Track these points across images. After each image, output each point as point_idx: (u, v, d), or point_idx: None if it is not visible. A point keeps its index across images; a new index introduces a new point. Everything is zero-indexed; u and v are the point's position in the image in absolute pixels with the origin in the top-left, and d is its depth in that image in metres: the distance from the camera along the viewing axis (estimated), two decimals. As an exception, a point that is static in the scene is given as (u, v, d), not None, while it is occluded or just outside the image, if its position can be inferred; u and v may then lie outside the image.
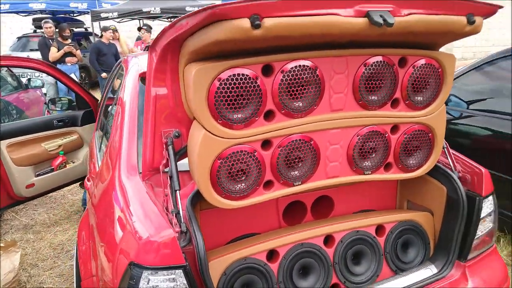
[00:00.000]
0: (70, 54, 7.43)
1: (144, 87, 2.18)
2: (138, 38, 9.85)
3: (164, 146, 1.59)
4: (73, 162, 3.74)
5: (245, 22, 1.17)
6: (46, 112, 5.35)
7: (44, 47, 7.69)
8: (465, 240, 1.82)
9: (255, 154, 1.50)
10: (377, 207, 2.12)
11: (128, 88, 2.20)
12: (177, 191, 1.47)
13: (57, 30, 7.75)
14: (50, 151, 3.46)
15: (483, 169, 1.84)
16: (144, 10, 10.69)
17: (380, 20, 1.28)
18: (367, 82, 1.58)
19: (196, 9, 1.27)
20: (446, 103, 3.92)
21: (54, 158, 3.54)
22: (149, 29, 9.25)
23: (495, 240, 1.98)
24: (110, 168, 1.88)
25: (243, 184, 1.53)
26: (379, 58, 1.56)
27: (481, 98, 3.59)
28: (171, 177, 1.50)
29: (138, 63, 2.42)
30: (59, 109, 3.92)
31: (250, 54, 1.39)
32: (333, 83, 1.54)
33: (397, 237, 1.89)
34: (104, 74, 7.73)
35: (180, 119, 1.61)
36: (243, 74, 1.37)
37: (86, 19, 14.29)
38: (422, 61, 1.64)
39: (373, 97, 1.62)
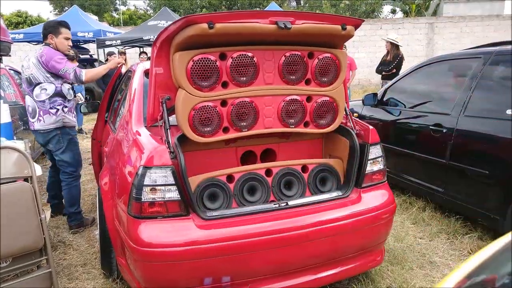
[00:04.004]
0: None
1: (146, 80, 3.16)
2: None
3: (160, 104, 2.53)
4: None
5: (205, 25, 2.15)
6: None
7: None
8: (359, 174, 2.73)
9: (216, 108, 2.44)
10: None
11: (137, 79, 3.18)
12: (168, 130, 2.40)
13: None
14: None
15: (370, 127, 2.78)
16: (145, 38, 11.88)
17: (283, 26, 2.25)
18: (287, 67, 2.54)
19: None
20: (388, 104, 4.90)
21: None
22: (146, 55, 10.73)
23: (386, 179, 2.88)
24: (126, 122, 2.83)
25: (209, 127, 2.46)
26: (294, 52, 2.53)
27: (417, 101, 4.55)
28: (164, 122, 2.44)
29: (143, 66, 3.41)
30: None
31: (212, 46, 2.36)
32: (265, 66, 2.50)
33: (317, 174, 2.79)
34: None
35: (171, 87, 2.54)
36: (207, 58, 2.33)
37: (90, 47, 15.53)
38: (325, 55, 2.61)
39: (292, 77, 2.58)
